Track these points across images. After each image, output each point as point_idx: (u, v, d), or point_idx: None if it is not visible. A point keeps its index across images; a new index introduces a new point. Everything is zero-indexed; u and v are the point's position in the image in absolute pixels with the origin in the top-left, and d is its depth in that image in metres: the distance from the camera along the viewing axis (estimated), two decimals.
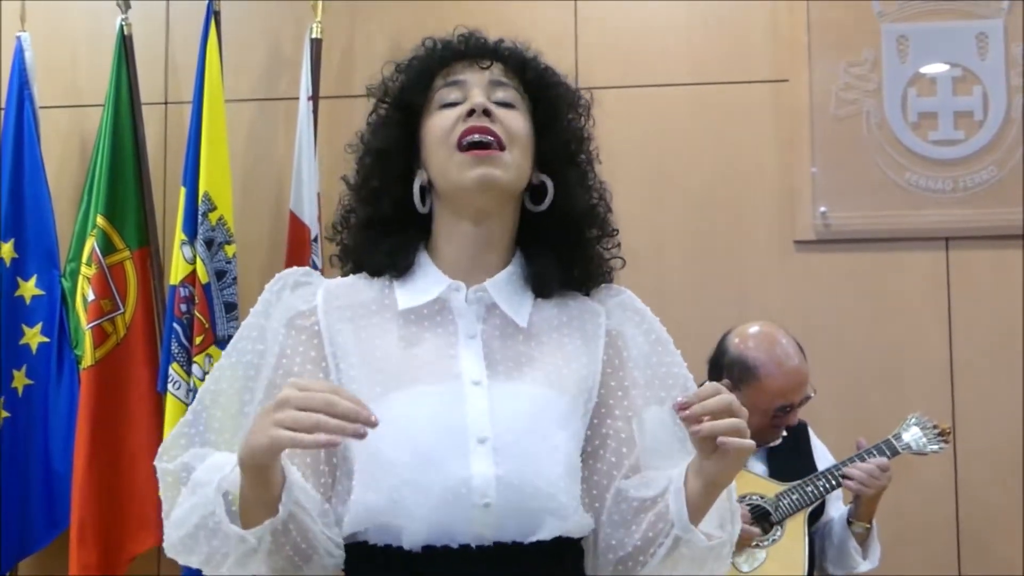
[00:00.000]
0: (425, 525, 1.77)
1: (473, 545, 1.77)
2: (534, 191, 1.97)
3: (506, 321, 1.93)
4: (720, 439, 1.70)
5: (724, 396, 1.73)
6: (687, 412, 1.71)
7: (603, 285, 2.04)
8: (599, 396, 1.95)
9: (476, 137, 1.87)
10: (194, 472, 1.81)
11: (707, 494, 1.81)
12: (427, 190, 1.95)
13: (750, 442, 1.73)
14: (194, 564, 1.80)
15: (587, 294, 2.03)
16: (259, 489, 1.70)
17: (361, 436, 1.61)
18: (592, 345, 1.97)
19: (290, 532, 1.76)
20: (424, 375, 1.86)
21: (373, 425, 1.62)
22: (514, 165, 1.91)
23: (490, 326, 1.92)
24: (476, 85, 1.93)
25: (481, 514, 1.77)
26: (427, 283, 1.94)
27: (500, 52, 1.97)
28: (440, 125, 1.91)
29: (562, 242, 1.98)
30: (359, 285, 1.97)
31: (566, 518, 1.83)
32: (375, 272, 1.98)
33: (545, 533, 1.81)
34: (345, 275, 2.03)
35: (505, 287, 1.94)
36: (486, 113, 1.89)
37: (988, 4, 4.50)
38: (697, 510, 1.82)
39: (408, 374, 1.85)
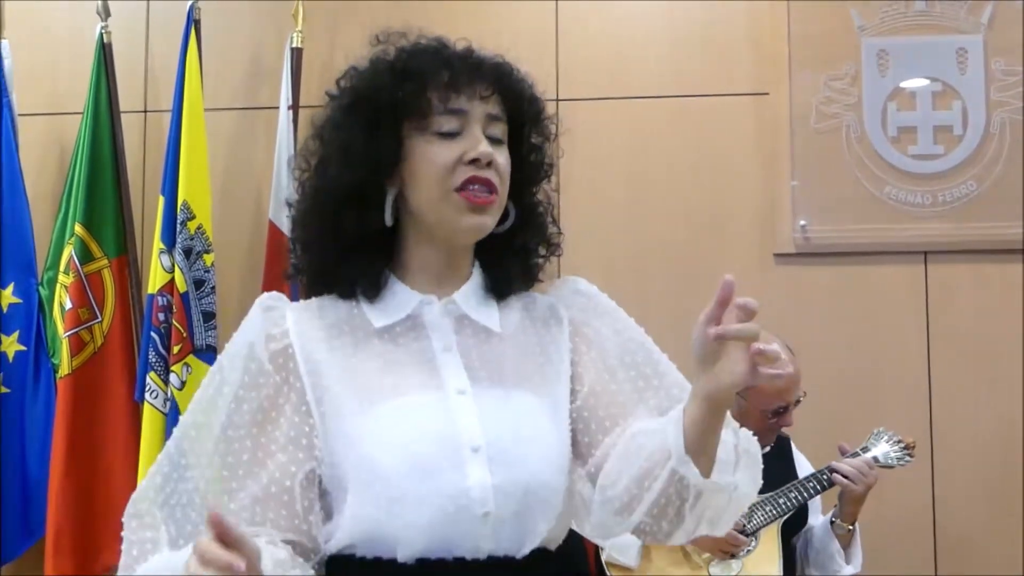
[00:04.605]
0: (424, 536, 1.77)
1: (468, 558, 1.78)
2: None
3: (477, 330, 1.95)
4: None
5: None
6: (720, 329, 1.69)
7: (556, 280, 2.08)
8: (573, 379, 1.96)
9: (479, 189, 1.88)
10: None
11: (707, 418, 1.75)
12: (394, 205, 1.94)
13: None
14: None
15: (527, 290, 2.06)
16: None
17: None
18: (559, 337, 1.99)
19: None
20: (407, 387, 1.86)
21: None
22: (500, 208, 1.93)
23: (463, 336, 1.94)
24: (476, 120, 1.90)
25: (480, 524, 1.78)
26: (397, 301, 1.94)
27: (502, 81, 1.95)
28: (439, 161, 1.89)
29: (512, 251, 2.00)
30: (325, 305, 1.96)
31: (556, 518, 1.85)
32: (344, 295, 1.97)
33: (538, 539, 1.82)
34: (305, 289, 2.02)
35: (472, 297, 1.97)
36: (488, 164, 1.88)
37: (968, 19, 4.52)
38: (697, 441, 1.77)
39: (391, 387, 1.86)
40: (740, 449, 1.86)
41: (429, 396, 1.85)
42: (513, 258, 2.00)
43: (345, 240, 1.93)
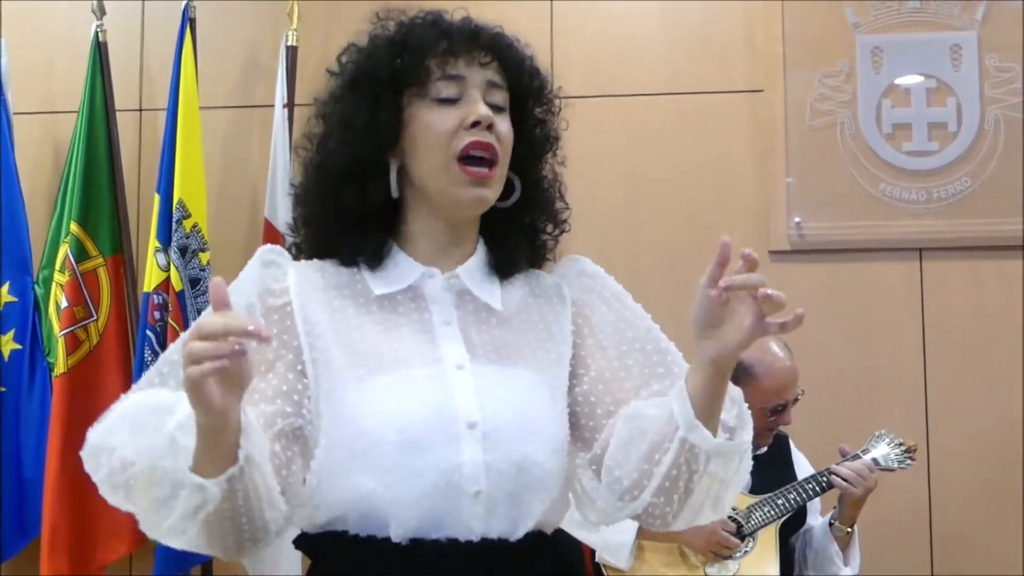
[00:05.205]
0: (415, 511, 1.75)
1: (461, 540, 1.76)
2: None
3: (479, 306, 1.93)
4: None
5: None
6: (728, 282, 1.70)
7: (562, 259, 2.07)
8: (573, 363, 1.95)
9: (478, 153, 1.87)
10: (132, 411, 1.73)
11: (711, 385, 1.75)
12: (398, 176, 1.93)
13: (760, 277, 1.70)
14: (137, 511, 1.74)
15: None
16: (212, 439, 1.61)
17: (242, 352, 1.54)
18: (562, 318, 1.98)
19: (245, 482, 1.67)
20: (406, 359, 1.84)
21: (262, 339, 1.54)
22: (501, 178, 1.92)
23: (464, 312, 1.92)
24: (475, 86, 1.90)
25: (471, 502, 1.77)
26: (399, 271, 1.93)
27: (500, 49, 1.95)
28: (439, 127, 1.88)
29: (519, 228, 2.00)
30: (328, 269, 1.94)
31: (552, 501, 1.84)
32: (345, 263, 1.95)
33: (532, 521, 1.81)
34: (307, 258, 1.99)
35: (475, 273, 1.95)
36: (489, 127, 1.88)
37: (962, 16, 4.53)
38: (703, 410, 1.76)
39: (389, 357, 1.84)
40: (741, 414, 1.86)
41: (427, 369, 1.84)
42: (519, 236, 1.99)
43: (347, 216, 1.92)
